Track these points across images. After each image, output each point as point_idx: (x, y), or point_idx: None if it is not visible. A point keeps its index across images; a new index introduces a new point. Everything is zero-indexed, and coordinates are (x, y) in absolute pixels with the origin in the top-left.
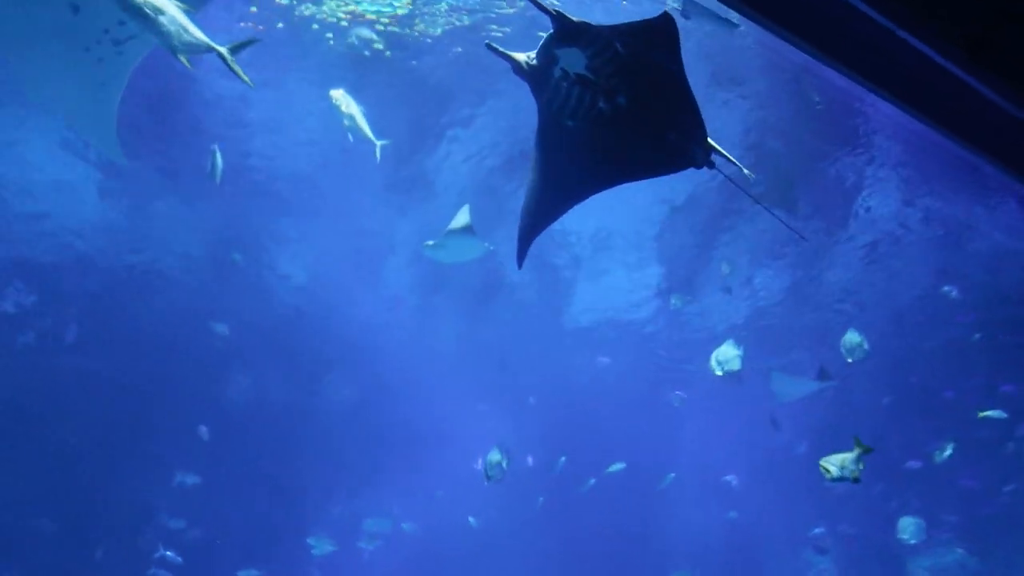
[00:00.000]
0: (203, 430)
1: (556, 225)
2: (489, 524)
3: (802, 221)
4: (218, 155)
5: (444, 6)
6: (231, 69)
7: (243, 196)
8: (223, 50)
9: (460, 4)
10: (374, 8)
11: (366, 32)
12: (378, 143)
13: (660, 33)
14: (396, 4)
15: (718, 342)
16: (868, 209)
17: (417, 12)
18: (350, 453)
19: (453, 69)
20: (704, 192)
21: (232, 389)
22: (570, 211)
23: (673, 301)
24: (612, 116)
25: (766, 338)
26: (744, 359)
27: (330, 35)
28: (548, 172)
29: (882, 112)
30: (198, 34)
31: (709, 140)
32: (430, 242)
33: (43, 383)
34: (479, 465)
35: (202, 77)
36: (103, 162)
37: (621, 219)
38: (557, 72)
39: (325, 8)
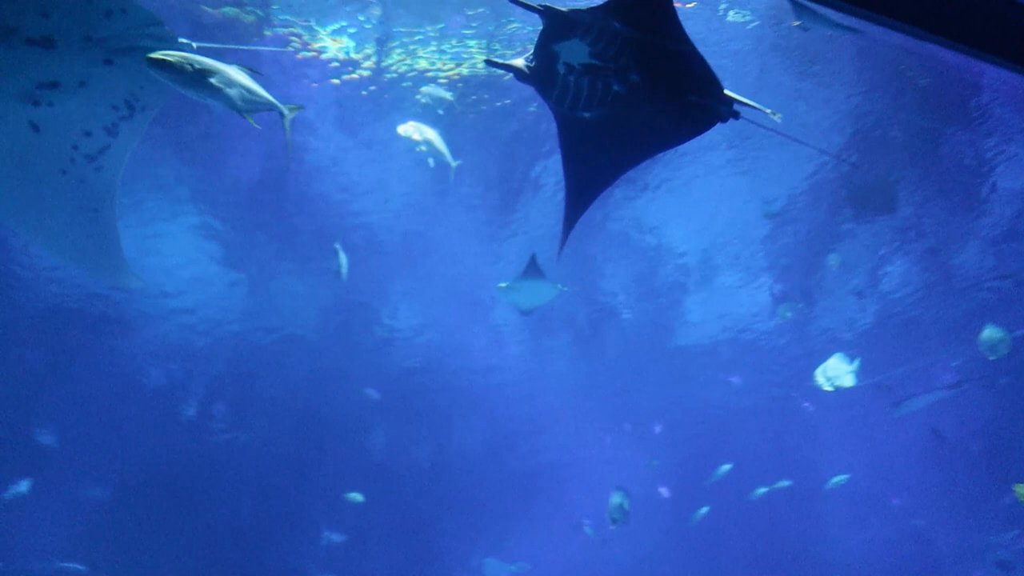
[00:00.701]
0: (355, 496)
1: (660, 245)
2: (631, 556)
3: (912, 210)
4: (341, 254)
5: (515, 26)
6: (285, 129)
7: (357, 257)
8: (284, 109)
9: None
10: (452, 60)
11: (433, 89)
12: (453, 164)
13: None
14: (471, 45)
15: (846, 348)
16: (995, 185)
17: (495, 50)
18: (482, 500)
19: (538, 100)
20: (807, 192)
21: (370, 447)
22: (673, 231)
23: (782, 311)
24: (629, 95)
25: (904, 335)
26: (858, 373)
27: (421, 98)
28: (580, 165)
29: (998, 81)
30: (262, 92)
31: (727, 91)
32: (503, 284)
33: (200, 457)
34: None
35: (304, 146)
36: (227, 240)
37: (726, 231)
38: (561, 68)
39: (414, 64)
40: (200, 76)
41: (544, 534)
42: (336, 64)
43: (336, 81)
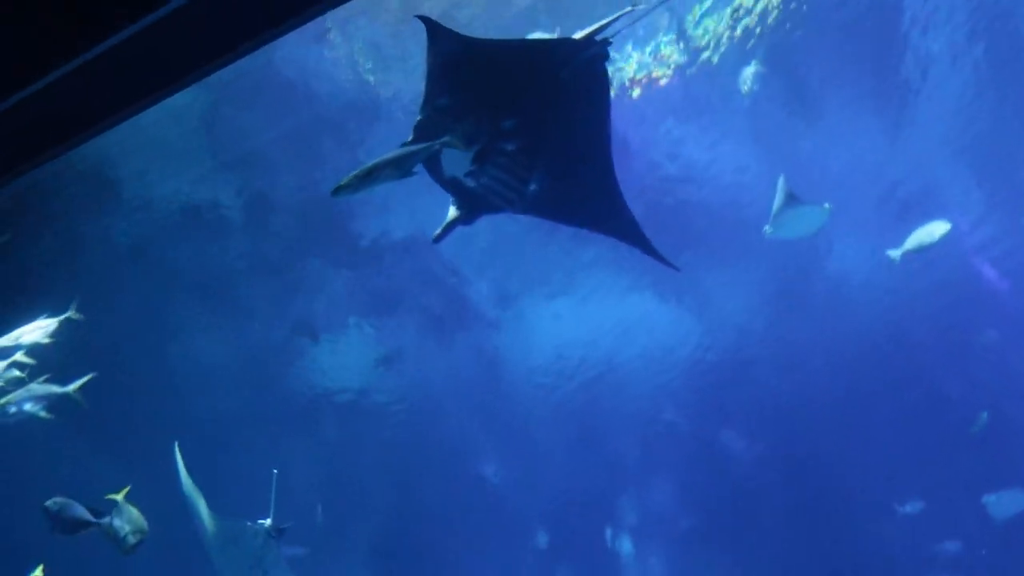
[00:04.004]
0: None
1: None
2: None
3: None
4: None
5: None
6: (458, 147)
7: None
8: (443, 141)
9: None
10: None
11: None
12: None
13: (441, 51)
14: None
15: None
16: None
17: None
18: None
19: None
20: None
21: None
22: None
23: None
24: (527, 135)
25: None
26: None
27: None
28: (589, 213)
29: None
30: (412, 151)
31: (577, 36)
32: (768, 228)
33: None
34: None
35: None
36: (657, 279)
37: None
38: (471, 183)
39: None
40: (365, 178)
41: None
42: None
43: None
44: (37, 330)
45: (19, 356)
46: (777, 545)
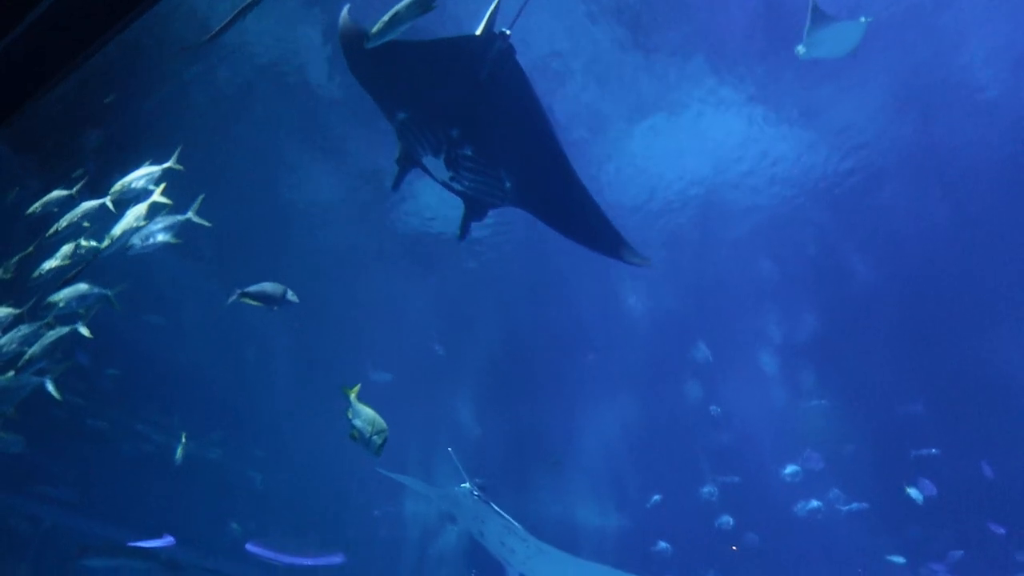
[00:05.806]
0: None
1: None
2: None
3: None
4: None
5: None
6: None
7: None
8: None
9: None
10: None
11: None
12: None
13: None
14: None
15: None
16: None
17: None
18: None
19: None
20: None
21: None
22: None
23: None
24: (477, 139)
25: None
26: None
27: None
28: (548, 199)
29: None
30: None
31: (477, 33)
32: (801, 48)
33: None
34: None
35: None
36: (765, 88)
37: None
38: (457, 186)
39: None
40: (391, 22)
41: None
42: None
43: None
44: (142, 178)
45: (157, 196)
46: (905, 368)
